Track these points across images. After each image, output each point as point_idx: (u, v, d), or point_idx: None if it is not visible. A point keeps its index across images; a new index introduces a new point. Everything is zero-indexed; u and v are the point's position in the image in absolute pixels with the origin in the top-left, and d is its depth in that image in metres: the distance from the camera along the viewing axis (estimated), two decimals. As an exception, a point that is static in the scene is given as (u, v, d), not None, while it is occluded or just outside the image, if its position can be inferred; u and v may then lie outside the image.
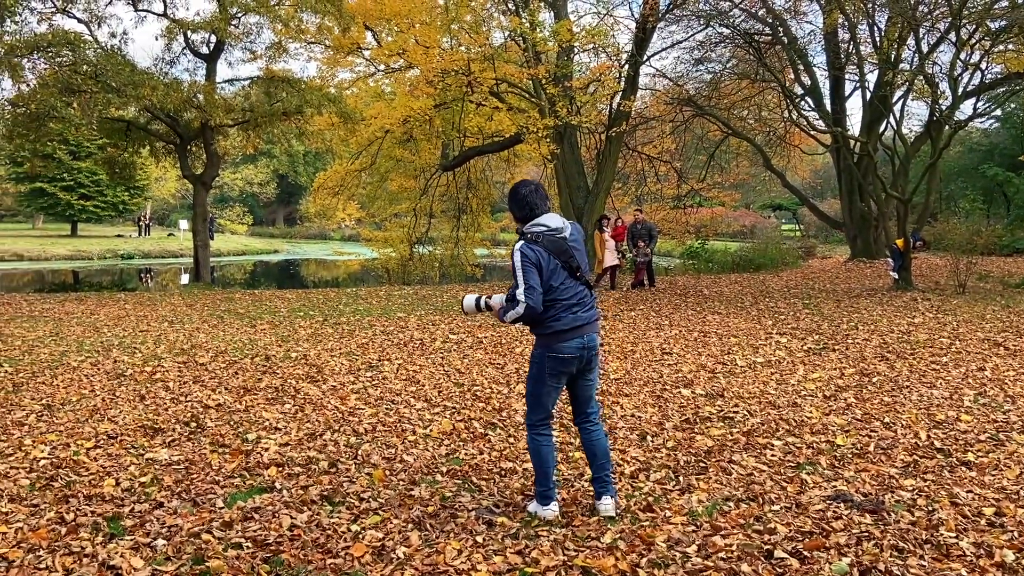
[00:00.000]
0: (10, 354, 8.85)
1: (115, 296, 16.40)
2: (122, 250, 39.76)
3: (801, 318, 12.16)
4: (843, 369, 8.21)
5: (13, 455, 5.09)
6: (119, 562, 3.46)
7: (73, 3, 15.82)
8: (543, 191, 4.12)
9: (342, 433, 5.68)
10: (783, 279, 20.30)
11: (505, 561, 3.56)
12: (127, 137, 18.73)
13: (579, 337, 3.99)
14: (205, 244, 19.17)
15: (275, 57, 18.76)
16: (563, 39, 16.43)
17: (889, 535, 3.84)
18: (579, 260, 4.06)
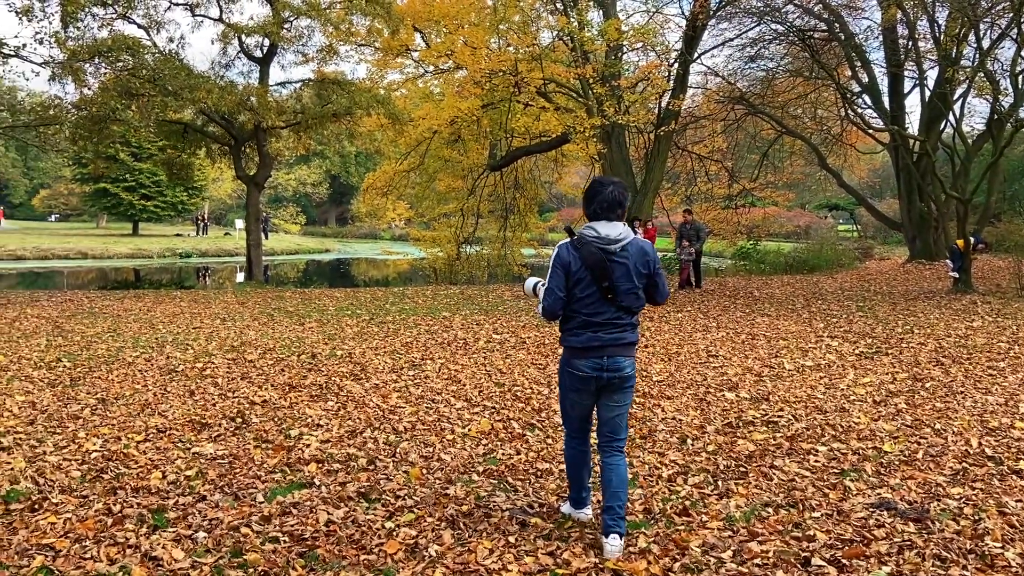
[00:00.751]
0: (69, 349, 9.14)
1: (171, 294, 16.83)
2: (180, 249, 40.76)
3: (854, 321, 11.90)
4: (895, 374, 8.02)
5: (67, 447, 5.26)
6: (161, 553, 3.55)
7: (133, 9, 16.28)
8: (618, 195, 3.70)
9: (382, 431, 5.74)
10: (837, 281, 19.88)
11: (536, 562, 3.56)
12: (184, 139, 19.21)
13: (597, 358, 3.70)
14: (257, 243, 19.55)
15: (326, 59, 19.04)
16: (611, 38, 16.35)
17: (932, 544, 3.75)
18: (617, 280, 3.66)
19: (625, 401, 3.85)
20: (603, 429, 3.87)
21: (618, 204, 3.72)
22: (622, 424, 3.88)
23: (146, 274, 31.64)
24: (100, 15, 16.46)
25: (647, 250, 3.75)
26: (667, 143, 19.62)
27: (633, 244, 3.71)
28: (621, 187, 3.77)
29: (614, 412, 3.84)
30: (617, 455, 3.84)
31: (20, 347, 9.19)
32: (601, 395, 3.81)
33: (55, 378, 7.46)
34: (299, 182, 63.91)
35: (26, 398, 6.61)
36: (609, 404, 3.82)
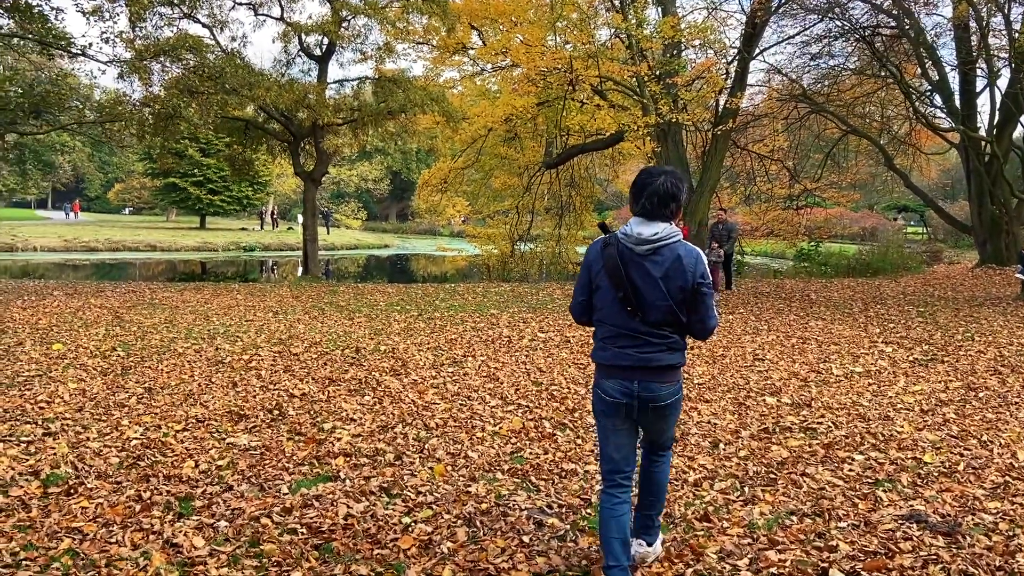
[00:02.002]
0: (125, 339, 9.46)
1: (229, 287, 17.26)
2: (244, 243, 41.80)
3: (912, 327, 11.54)
4: (948, 382, 7.75)
5: (109, 434, 5.44)
6: (182, 540, 3.65)
7: (198, 8, 16.74)
8: (671, 187, 3.09)
9: (413, 427, 5.79)
10: (900, 285, 19.30)
11: (548, 562, 3.55)
12: (246, 135, 19.69)
13: (625, 381, 3.14)
14: (314, 238, 19.92)
15: (383, 57, 19.28)
16: (666, 35, 16.16)
17: (960, 559, 3.62)
18: (641, 288, 3.08)
19: (669, 424, 3.35)
20: (646, 441, 3.46)
21: (671, 198, 3.09)
22: (665, 439, 3.46)
23: (212, 267, 32.54)
24: (166, 14, 16.97)
25: (689, 258, 3.08)
26: (725, 142, 19.32)
27: (672, 248, 3.07)
28: (674, 177, 3.13)
29: (656, 434, 3.40)
30: (658, 459, 3.48)
31: (80, 336, 9.55)
32: (640, 419, 3.27)
33: (108, 367, 7.72)
34: (361, 178, 64.90)
35: (78, 386, 6.86)
36: (649, 427, 3.35)
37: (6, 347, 8.67)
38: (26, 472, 4.54)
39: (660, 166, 3.29)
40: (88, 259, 33.82)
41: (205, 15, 17.26)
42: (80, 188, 73.69)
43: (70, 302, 13.08)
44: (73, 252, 36.14)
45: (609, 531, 3.21)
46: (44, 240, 37.10)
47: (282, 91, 15.91)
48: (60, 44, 12.54)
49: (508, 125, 19.44)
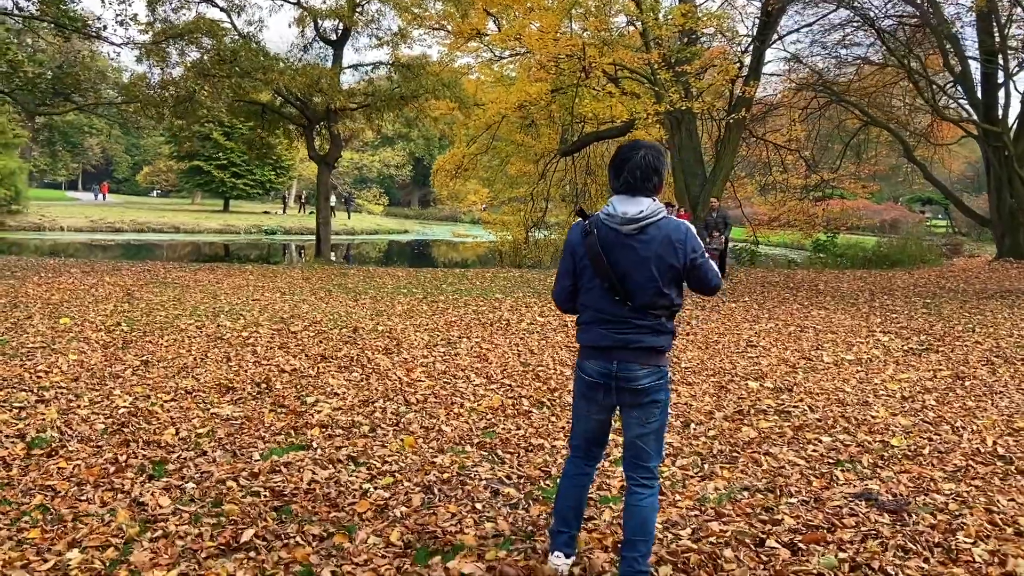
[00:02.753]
0: (131, 315, 9.71)
1: (243, 268, 17.55)
2: (266, 226, 42.25)
3: (914, 317, 11.53)
4: (937, 371, 7.78)
5: (101, 403, 5.65)
6: (148, 499, 3.84)
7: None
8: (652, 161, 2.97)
9: (394, 402, 5.95)
10: (914, 277, 19.17)
11: (495, 527, 3.69)
12: (263, 119, 19.92)
13: (605, 361, 3.04)
14: (326, 221, 20.17)
15: (399, 43, 19.41)
16: (679, 23, 16.13)
17: (901, 536, 3.70)
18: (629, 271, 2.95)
19: (650, 420, 3.07)
20: (626, 452, 3.16)
21: (654, 171, 2.96)
22: (649, 449, 3.10)
23: (235, 249, 32.95)
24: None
25: (679, 234, 2.98)
26: (738, 131, 19.25)
27: (660, 225, 2.96)
28: (655, 151, 3.02)
29: (635, 431, 3.09)
30: (642, 489, 3.08)
31: (88, 311, 9.81)
32: (621, 411, 3.15)
33: (110, 340, 7.96)
34: (383, 164, 65.21)
35: (78, 358, 7.10)
36: (629, 421, 3.11)
37: (16, 320, 8.95)
38: (13, 435, 4.75)
39: (640, 140, 3.17)
40: (114, 239, 34.38)
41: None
42: (109, 170, 74.76)
43: (85, 279, 13.39)
44: (99, 232, 36.73)
45: (565, 498, 3.22)
46: (71, 220, 37.74)
47: (295, 75, 16.11)
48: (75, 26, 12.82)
49: (522, 112, 19.50)
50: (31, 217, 36.38)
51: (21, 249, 26.26)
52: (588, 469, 3.25)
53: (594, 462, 3.28)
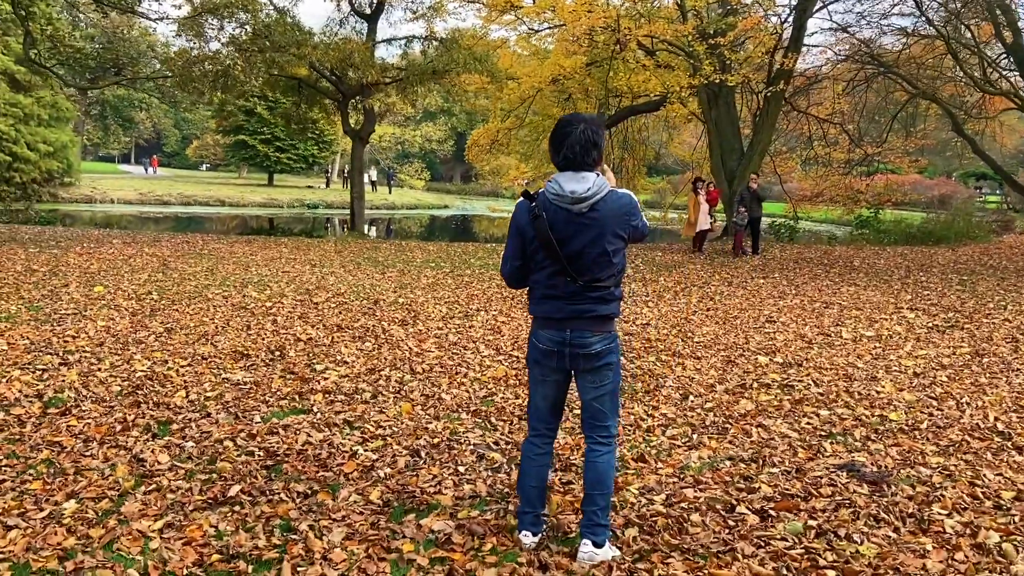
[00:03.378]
0: (163, 284, 10.03)
1: (279, 241, 17.89)
2: (308, 200, 42.83)
3: (947, 294, 11.34)
4: (958, 348, 7.69)
5: (120, 367, 5.91)
6: (147, 456, 4.04)
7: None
8: (592, 135, 3.00)
9: (400, 371, 6.10)
10: (957, 254, 18.75)
11: (473, 489, 3.82)
12: (300, 94, 20.18)
13: (559, 331, 3.10)
14: (360, 196, 20.41)
15: (433, 16, 19.44)
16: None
17: (874, 505, 3.74)
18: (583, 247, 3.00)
19: (603, 382, 3.17)
20: (584, 414, 3.26)
21: (593, 145, 2.99)
22: (605, 409, 3.20)
23: (280, 223, 33.50)
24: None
25: (626, 202, 3.06)
26: (777, 104, 18.95)
27: (608, 200, 3.00)
28: (594, 124, 3.06)
29: (591, 394, 3.19)
30: (599, 447, 3.20)
31: (123, 280, 10.16)
32: (576, 377, 3.22)
33: (139, 308, 8.26)
34: (424, 139, 65.42)
35: (106, 324, 7.39)
36: (585, 385, 3.20)
37: (53, 288, 9.31)
38: (32, 395, 5.01)
39: (579, 113, 3.22)
40: (161, 212, 35.22)
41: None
42: (160, 144, 76.31)
43: (125, 250, 13.82)
44: (147, 205, 37.65)
45: (527, 478, 3.27)
46: (121, 193, 38.73)
47: (328, 50, 16.28)
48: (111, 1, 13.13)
49: (556, 86, 19.42)
50: (83, 189, 37.41)
51: (74, 221, 27.12)
52: (546, 447, 3.30)
53: (551, 436, 3.33)
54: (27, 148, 32.12)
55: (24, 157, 32.05)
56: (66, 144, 34.88)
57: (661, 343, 7.59)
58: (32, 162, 32.52)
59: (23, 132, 32.03)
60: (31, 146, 32.34)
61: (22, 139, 31.93)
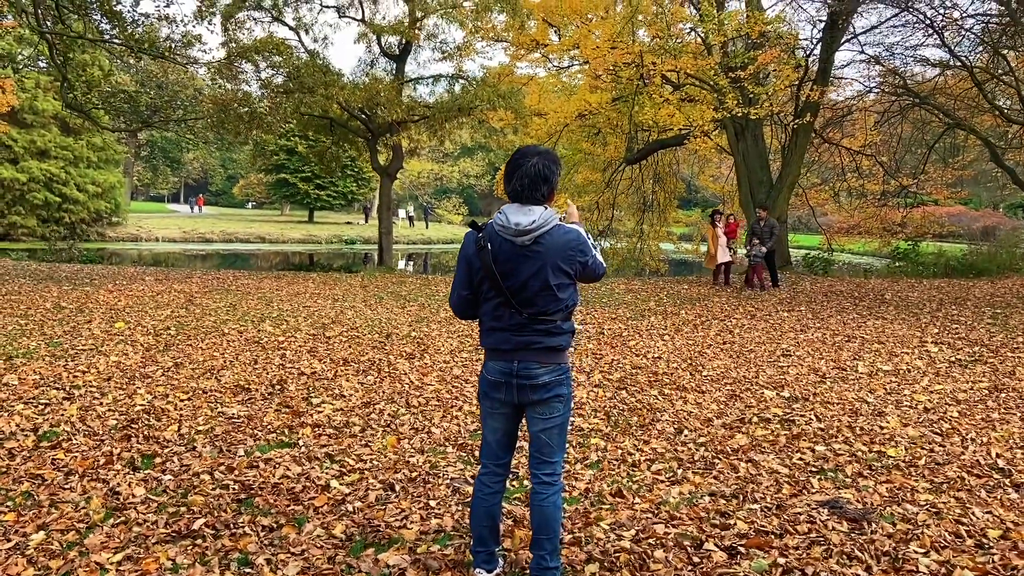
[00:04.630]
0: (183, 319, 10.22)
1: (306, 276, 18.15)
2: (346, 236, 43.46)
3: (976, 328, 11.03)
4: (976, 383, 7.47)
5: (122, 401, 6.02)
6: (124, 489, 4.10)
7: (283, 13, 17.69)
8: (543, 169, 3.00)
9: (395, 404, 6.12)
10: (996, 287, 18.25)
11: (440, 524, 3.80)
12: (332, 132, 20.60)
13: (507, 362, 3.08)
14: (388, 231, 20.65)
15: (462, 56, 19.76)
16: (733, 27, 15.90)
17: (850, 543, 3.63)
18: (527, 280, 2.98)
19: (552, 415, 3.13)
20: (531, 447, 3.21)
21: (543, 180, 2.99)
22: (552, 443, 3.15)
23: (320, 259, 34.03)
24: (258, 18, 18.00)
25: (572, 238, 3.03)
26: (805, 137, 18.79)
27: (554, 234, 2.99)
28: (548, 158, 3.04)
29: (539, 426, 3.15)
30: (545, 487, 3.14)
31: (145, 316, 10.38)
32: (525, 410, 3.19)
33: (154, 343, 8.42)
34: (462, 173, 66.13)
35: (118, 359, 7.54)
36: (533, 417, 3.16)
37: (76, 324, 9.55)
38: (28, 429, 5.13)
39: (536, 145, 3.19)
40: (204, 250, 36.02)
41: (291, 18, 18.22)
42: (207, 184, 78.26)
43: (155, 287, 14.13)
44: (190, 243, 38.57)
45: (477, 517, 3.23)
46: (166, 231, 39.75)
47: (356, 90, 16.62)
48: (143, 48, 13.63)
49: (582, 121, 19.54)
50: (129, 229, 38.48)
51: (121, 259, 27.85)
52: (496, 484, 3.26)
53: (502, 475, 3.28)
54: (76, 189, 33.29)
55: (73, 198, 33.21)
56: (114, 185, 36.01)
57: (668, 377, 7.51)
58: (81, 203, 33.67)
59: (72, 174, 33.21)
60: (80, 187, 33.50)
61: (71, 181, 33.11)
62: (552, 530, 3.11)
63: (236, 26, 17.60)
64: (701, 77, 17.71)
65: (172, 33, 14.57)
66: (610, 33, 17.55)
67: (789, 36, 17.23)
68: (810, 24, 24.29)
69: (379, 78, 19.41)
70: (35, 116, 32.01)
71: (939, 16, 19.00)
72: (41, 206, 32.12)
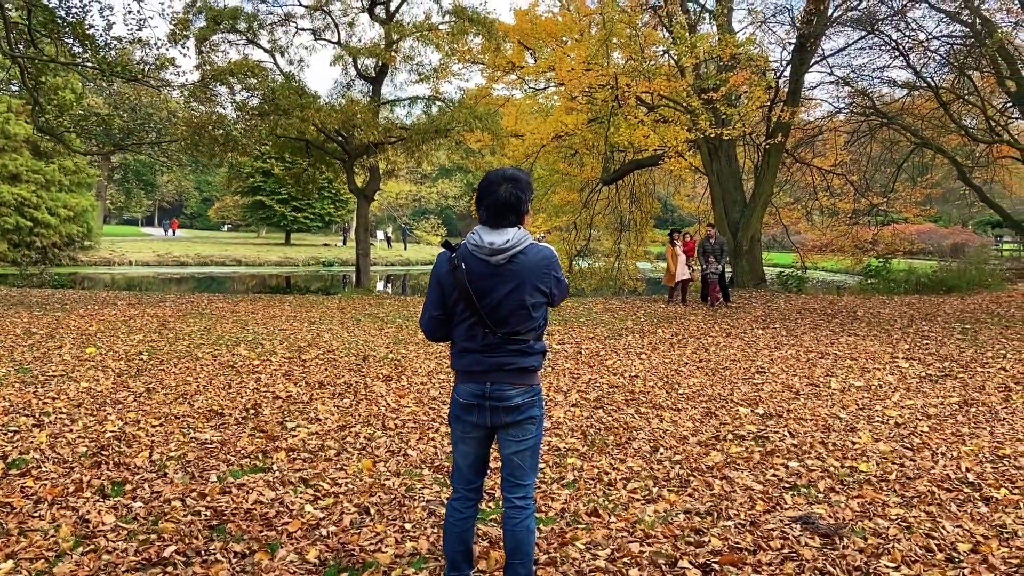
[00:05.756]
0: (156, 344, 10.12)
1: (282, 299, 18.05)
2: (323, 258, 43.29)
3: (946, 343, 11.19)
4: (947, 398, 7.57)
5: (92, 427, 5.94)
6: (93, 517, 4.04)
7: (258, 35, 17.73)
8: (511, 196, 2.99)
9: (371, 426, 6.09)
10: (966, 302, 18.52)
11: (415, 547, 3.78)
12: (308, 154, 20.59)
13: (479, 384, 3.05)
14: (365, 253, 20.62)
15: (439, 78, 19.87)
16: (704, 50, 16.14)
17: (823, 559, 3.66)
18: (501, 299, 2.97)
19: (525, 437, 3.11)
20: (503, 470, 3.17)
21: (510, 209, 2.99)
22: (525, 465, 3.13)
23: (296, 281, 33.83)
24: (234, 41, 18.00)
25: (546, 257, 3.05)
26: (777, 156, 19.05)
27: (528, 252, 2.99)
28: (518, 185, 3.03)
29: (511, 448, 3.12)
30: (518, 512, 3.11)
31: (117, 341, 10.27)
32: (498, 432, 3.15)
33: (125, 369, 8.33)
34: (441, 195, 66.23)
35: (89, 385, 7.45)
36: (506, 439, 3.12)
37: (47, 350, 9.43)
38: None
39: (507, 169, 3.12)
40: (178, 273, 35.72)
41: (267, 40, 18.25)
42: (182, 206, 77.73)
43: (128, 311, 13.99)
44: (164, 266, 38.22)
45: (451, 542, 3.20)
46: (139, 255, 39.36)
47: (331, 112, 16.65)
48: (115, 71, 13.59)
49: (559, 142, 19.69)
50: (102, 252, 38.07)
51: (93, 283, 27.55)
52: (469, 510, 3.22)
53: (475, 498, 3.25)
54: (48, 213, 32.92)
55: (45, 222, 32.84)
56: (87, 208, 35.67)
57: (645, 395, 7.54)
58: (52, 226, 33.30)
59: (44, 198, 32.86)
60: (52, 211, 33.14)
61: (43, 204, 32.75)
62: (526, 554, 3.08)
63: (210, 49, 17.62)
64: (674, 98, 17.92)
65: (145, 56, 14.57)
66: (585, 55, 17.73)
67: (760, 58, 17.50)
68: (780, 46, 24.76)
69: (356, 100, 19.45)
70: (6, 140, 31.72)
71: (905, 38, 19.43)
72: (12, 230, 31.73)
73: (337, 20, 19.54)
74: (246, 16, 18.05)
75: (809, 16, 16.56)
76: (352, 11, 19.84)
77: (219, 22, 17.49)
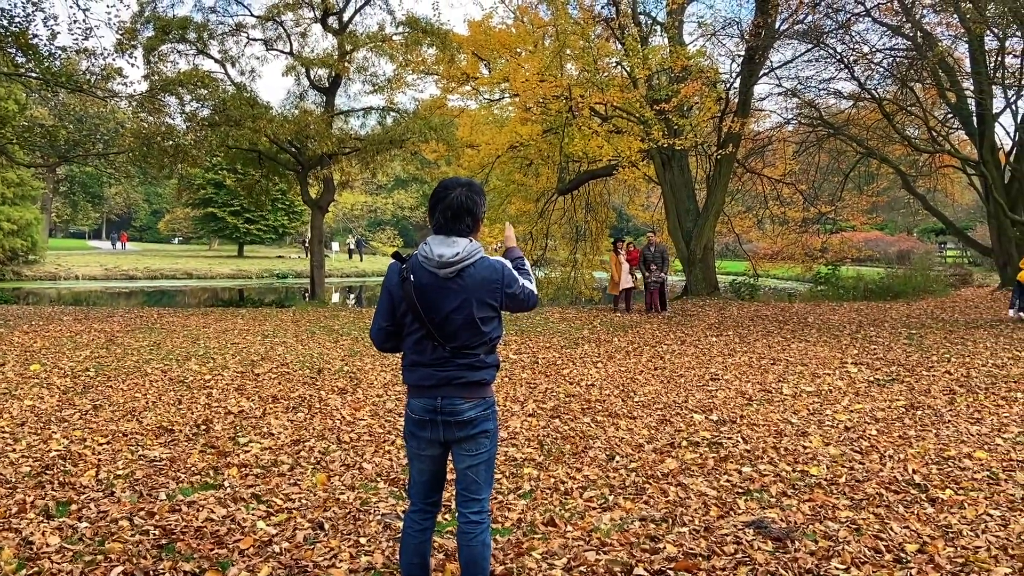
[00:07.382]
0: (104, 360, 9.89)
1: (234, 312, 17.76)
2: (277, 270, 42.78)
3: (893, 348, 11.45)
4: (894, 401, 7.74)
5: (36, 446, 5.78)
6: (37, 538, 3.93)
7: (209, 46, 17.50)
8: (466, 201, 2.98)
9: (326, 440, 6.02)
10: (912, 308, 19.01)
11: (370, 561, 3.74)
12: (261, 165, 20.35)
13: (431, 399, 3.01)
14: (320, 265, 20.45)
15: (393, 88, 19.80)
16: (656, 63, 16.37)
17: (775, 562, 3.71)
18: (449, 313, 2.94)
19: (479, 451, 3.07)
20: (458, 485, 3.15)
21: (466, 212, 2.97)
22: (479, 479, 3.10)
23: (250, 294, 33.34)
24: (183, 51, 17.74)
25: (496, 271, 3.01)
26: (728, 166, 19.36)
27: (477, 266, 2.97)
28: (472, 190, 3.02)
29: (465, 463, 3.09)
30: (473, 527, 3.09)
31: (62, 358, 10.01)
32: (452, 447, 3.10)
33: (71, 386, 8.12)
34: (396, 205, 65.98)
35: (33, 403, 7.25)
36: (460, 454, 3.09)
37: (-12, 368, 9.15)
38: (-66, 478, 4.87)
39: (460, 177, 3.12)
40: (127, 287, 34.97)
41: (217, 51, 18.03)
42: (131, 219, 76.20)
43: (74, 326, 13.65)
44: (112, 280, 37.40)
45: (407, 556, 3.15)
46: (86, 269, 38.46)
47: (284, 123, 16.50)
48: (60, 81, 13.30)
49: (514, 152, 19.76)
50: (47, 267, 37.13)
51: (39, 299, 26.82)
52: (426, 523, 3.18)
53: (431, 512, 3.20)
54: (-10, 226, 32.06)
55: (-15, 236, 31.97)
56: (31, 222, 34.80)
57: (601, 404, 7.57)
58: (-5, 240, 32.43)
59: (-14, 211, 32.00)
60: (-7, 225, 32.28)
61: (-16, 218, 31.90)
62: (482, 569, 3.06)
63: (159, 59, 17.36)
64: (628, 109, 18.11)
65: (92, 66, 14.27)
66: (539, 67, 17.84)
67: (710, 70, 17.80)
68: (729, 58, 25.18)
69: (309, 111, 19.29)
70: (-54, 152, 30.79)
71: (850, 51, 19.93)
72: (-47, 245, 30.82)
73: (289, 31, 19.44)
74: (196, 26, 17.84)
75: (757, 29, 16.90)
76: (305, 21, 19.74)
77: (168, 32, 17.26)
